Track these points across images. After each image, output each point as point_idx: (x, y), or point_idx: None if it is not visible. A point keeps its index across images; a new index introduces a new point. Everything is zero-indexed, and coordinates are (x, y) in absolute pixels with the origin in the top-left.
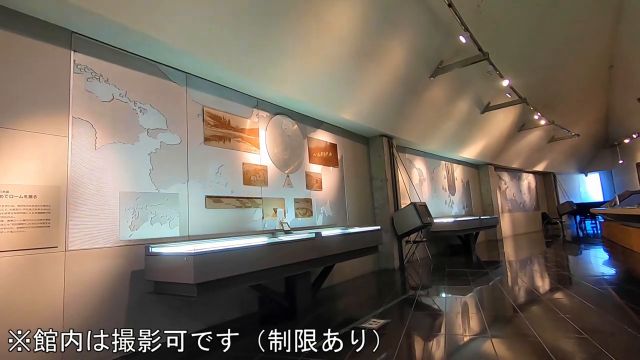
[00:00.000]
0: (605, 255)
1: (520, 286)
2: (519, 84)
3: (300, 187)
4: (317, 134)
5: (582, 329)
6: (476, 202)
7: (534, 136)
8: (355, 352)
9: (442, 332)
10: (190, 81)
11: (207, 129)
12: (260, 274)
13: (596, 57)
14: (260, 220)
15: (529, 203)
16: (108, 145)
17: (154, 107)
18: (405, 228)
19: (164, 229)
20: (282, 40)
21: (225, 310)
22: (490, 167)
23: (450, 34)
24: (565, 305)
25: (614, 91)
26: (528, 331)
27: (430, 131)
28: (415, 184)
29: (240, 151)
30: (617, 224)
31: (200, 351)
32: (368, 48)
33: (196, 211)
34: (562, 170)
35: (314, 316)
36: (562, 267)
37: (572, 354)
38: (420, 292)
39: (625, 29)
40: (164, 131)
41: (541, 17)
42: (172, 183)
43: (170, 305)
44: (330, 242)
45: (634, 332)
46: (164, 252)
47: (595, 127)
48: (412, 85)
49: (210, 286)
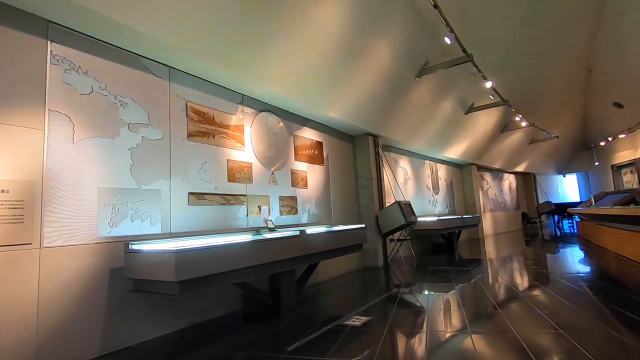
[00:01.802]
0: (581, 253)
1: (500, 284)
2: (502, 86)
3: (285, 184)
4: (303, 132)
5: (558, 325)
6: (459, 201)
7: (516, 137)
8: (338, 349)
9: (424, 329)
10: (173, 75)
11: (191, 125)
12: (243, 272)
13: (575, 61)
14: (245, 217)
15: (510, 203)
16: (87, 140)
17: (136, 101)
18: (389, 226)
19: (144, 226)
20: (268, 36)
21: (208, 308)
22: (473, 167)
23: (436, 35)
24: (543, 302)
25: (592, 95)
26: (507, 327)
27: (416, 131)
28: (400, 182)
29: (225, 148)
30: (592, 223)
31: (182, 349)
32: (355, 47)
33: (178, 208)
34: (542, 171)
35: (298, 314)
36: (540, 265)
37: (547, 349)
38: (404, 289)
39: (603, 36)
40: (145, 126)
41: (524, 22)
42: (153, 179)
43: (151, 303)
44: (315, 240)
45: (606, 327)
46: (145, 250)
47: (574, 129)
48: (398, 84)
49: (192, 284)
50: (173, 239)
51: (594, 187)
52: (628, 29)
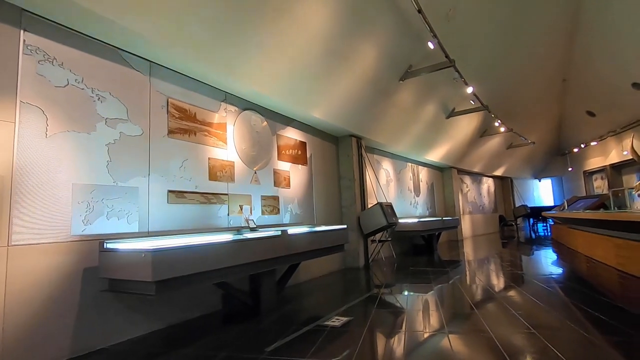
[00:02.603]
0: (553, 256)
1: (477, 284)
2: (482, 92)
3: (267, 184)
4: (286, 132)
5: (531, 325)
6: (439, 203)
7: (494, 142)
8: (317, 349)
9: (403, 329)
10: (154, 70)
11: (172, 121)
12: (223, 272)
13: (552, 70)
14: (226, 216)
15: (488, 206)
16: (61, 134)
17: (114, 95)
18: (371, 227)
19: (121, 224)
20: (253, 34)
21: (187, 308)
22: (453, 170)
23: (420, 39)
24: (517, 303)
25: (567, 103)
26: (482, 327)
27: (398, 133)
28: (382, 184)
29: (207, 145)
30: (565, 226)
31: (158, 351)
32: (340, 48)
33: (157, 206)
34: (519, 175)
35: (279, 314)
36: (515, 266)
37: (520, 348)
38: (384, 290)
39: (577, 47)
40: (124, 121)
41: (505, 31)
42: (131, 176)
43: (126, 304)
44: (297, 240)
45: (576, 327)
46: (121, 248)
47: (549, 136)
48: (382, 87)
49: (170, 284)
50: (151, 237)
51: (567, 191)
52: (600, 42)
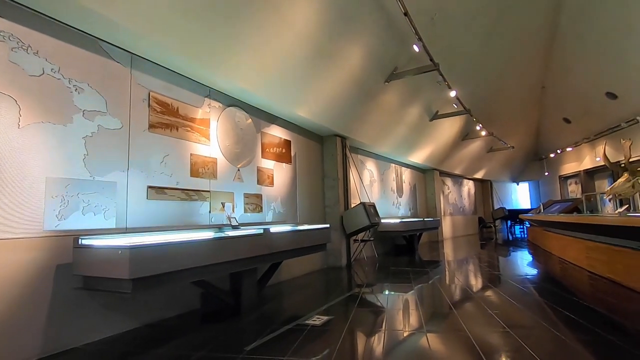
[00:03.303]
0: (529, 257)
1: (456, 285)
2: (465, 96)
3: (251, 182)
4: (271, 129)
5: (506, 324)
6: (421, 204)
7: (475, 146)
8: (297, 348)
9: (382, 328)
10: (136, 63)
11: (153, 116)
12: (203, 270)
13: (531, 78)
14: (207, 214)
15: (468, 208)
16: (35, 125)
17: (92, 87)
18: (354, 227)
19: (97, 220)
20: (239, 30)
21: (165, 307)
22: (435, 172)
23: (405, 42)
24: (494, 303)
25: (544, 110)
26: (460, 326)
27: (383, 134)
28: (365, 184)
29: (189, 141)
30: (540, 229)
31: (133, 350)
32: (326, 48)
33: (136, 202)
34: (498, 178)
35: (259, 313)
36: (493, 267)
37: (496, 346)
38: (365, 289)
39: (556, 56)
40: (103, 114)
41: (487, 38)
42: (109, 170)
43: (101, 302)
44: (279, 239)
45: (548, 326)
46: (96, 245)
47: (528, 141)
48: (367, 88)
49: (147, 282)
50: (128, 234)
51: (543, 195)
52: (577, 52)
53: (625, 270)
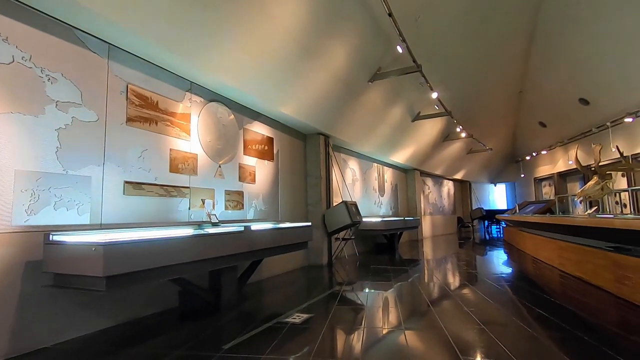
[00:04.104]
0: (504, 256)
1: (434, 283)
2: (446, 98)
3: (232, 178)
4: (253, 126)
5: (481, 321)
6: (402, 204)
7: (456, 147)
8: (276, 346)
9: (362, 325)
10: (113, 53)
11: (131, 109)
12: (181, 268)
13: (510, 82)
14: (187, 211)
15: (448, 207)
16: (4, 115)
17: (67, 77)
18: (335, 225)
19: (70, 216)
20: (222, 23)
21: (141, 305)
22: (416, 172)
23: (389, 42)
24: (470, 300)
25: (521, 114)
26: (437, 324)
27: (366, 133)
28: (348, 183)
29: (169, 136)
30: (515, 229)
31: (105, 350)
32: (311, 46)
33: (112, 197)
34: (477, 179)
35: (238, 311)
36: (470, 266)
37: (470, 343)
38: (346, 287)
39: (533, 61)
40: (77, 106)
41: (468, 42)
42: (84, 164)
43: (73, 300)
44: (260, 237)
45: (521, 323)
46: (69, 241)
47: (505, 143)
48: (351, 87)
49: (122, 280)
50: (103, 230)
51: (519, 196)
52: (552, 58)
53: (593, 269)
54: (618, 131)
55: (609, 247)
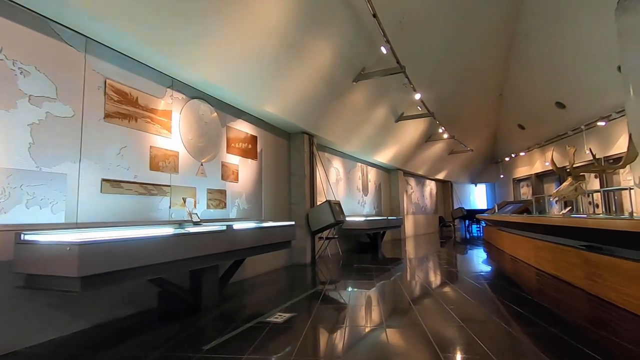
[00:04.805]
0: (484, 255)
1: (416, 281)
2: (429, 100)
3: (214, 177)
4: (237, 124)
5: (461, 319)
6: (385, 203)
7: (438, 147)
8: (258, 346)
9: (344, 324)
10: (91, 47)
11: (110, 105)
12: (160, 267)
13: (491, 85)
14: (167, 209)
15: (430, 207)
16: None
17: (40, 70)
18: (319, 224)
19: (44, 214)
20: (205, 19)
21: (118, 306)
22: (400, 172)
23: (374, 43)
24: (450, 298)
25: (502, 116)
26: (417, 321)
27: (350, 133)
28: (332, 182)
29: (149, 133)
30: (495, 228)
31: (80, 352)
32: (296, 44)
33: (88, 195)
34: (458, 179)
35: (220, 311)
36: (451, 264)
37: (450, 340)
38: (328, 286)
39: (513, 66)
40: (52, 100)
41: (451, 45)
42: (59, 161)
43: (46, 302)
44: (242, 236)
45: (499, 320)
46: (42, 241)
47: (486, 145)
48: (335, 86)
49: (98, 280)
50: (79, 229)
51: (499, 196)
52: (531, 63)
53: (568, 267)
54: (592, 134)
55: (582, 245)
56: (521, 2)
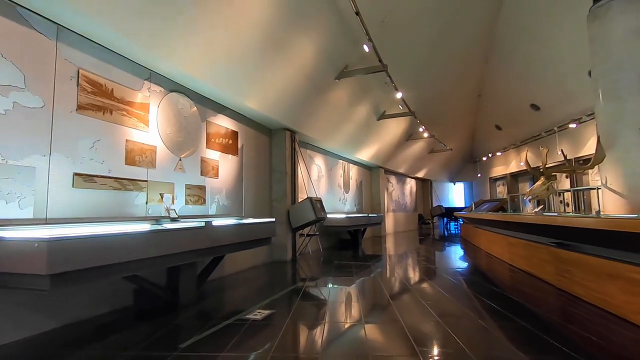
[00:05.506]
0: (461, 252)
1: (395, 278)
2: (410, 99)
3: (193, 172)
4: (217, 119)
5: (438, 314)
6: (366, 201)
7: (418, 146)
8: (236, 343)
9: (324, 320)
10: (63, 35)
11: (83, 96)
12: (136, 265)
13: (470, 86)
14: (144, 205)
15: (410, 205)
16: None
17: (7, 58)
18: (300, 221)
19: (10, 209)
20: (185, 9)
21: (92, 305)
22: (381, 170)
23: (356, 41)
24: (428, 294)
25: (480, 116)
26: (395, 317)
27: (332, 130)
28: (313, 179)
29: (125, 126)
30: (471, 226)
31: (50, 353)
32: (278, 39)
33: (59, 190)
34: (437, 178)
35: (198, 309)
36: (429, 261)
37: (427, 335)
38: (309, 283)
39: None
40: (20, 90)
41: (432, 46)
42: (27, 154)
43: (13, 301)
44: (221, 232)
45: (474, 315)
46: (7, 237)
47: (464, 144)
48: (318, 83)
49: (69, 278)
50: (49, 225)
51: (476, 195)
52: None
53: (539, 264)
54: (564, 136)
55: (552, 243)
56: (499, 8)
